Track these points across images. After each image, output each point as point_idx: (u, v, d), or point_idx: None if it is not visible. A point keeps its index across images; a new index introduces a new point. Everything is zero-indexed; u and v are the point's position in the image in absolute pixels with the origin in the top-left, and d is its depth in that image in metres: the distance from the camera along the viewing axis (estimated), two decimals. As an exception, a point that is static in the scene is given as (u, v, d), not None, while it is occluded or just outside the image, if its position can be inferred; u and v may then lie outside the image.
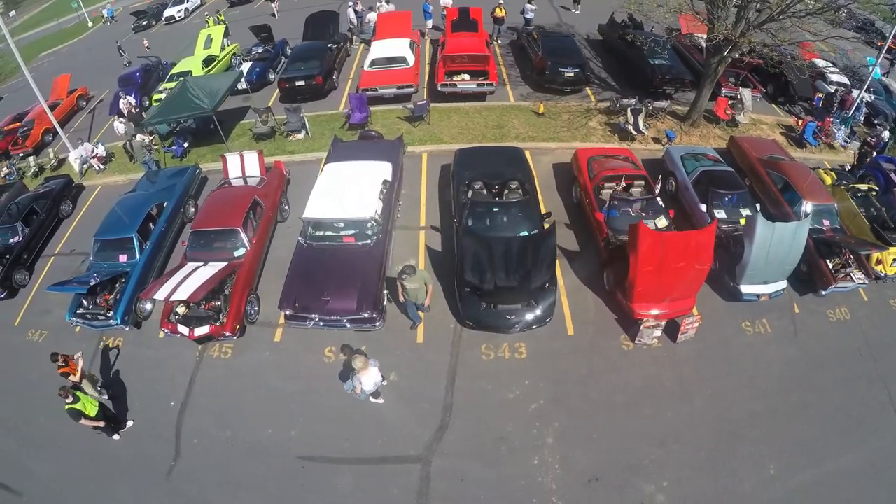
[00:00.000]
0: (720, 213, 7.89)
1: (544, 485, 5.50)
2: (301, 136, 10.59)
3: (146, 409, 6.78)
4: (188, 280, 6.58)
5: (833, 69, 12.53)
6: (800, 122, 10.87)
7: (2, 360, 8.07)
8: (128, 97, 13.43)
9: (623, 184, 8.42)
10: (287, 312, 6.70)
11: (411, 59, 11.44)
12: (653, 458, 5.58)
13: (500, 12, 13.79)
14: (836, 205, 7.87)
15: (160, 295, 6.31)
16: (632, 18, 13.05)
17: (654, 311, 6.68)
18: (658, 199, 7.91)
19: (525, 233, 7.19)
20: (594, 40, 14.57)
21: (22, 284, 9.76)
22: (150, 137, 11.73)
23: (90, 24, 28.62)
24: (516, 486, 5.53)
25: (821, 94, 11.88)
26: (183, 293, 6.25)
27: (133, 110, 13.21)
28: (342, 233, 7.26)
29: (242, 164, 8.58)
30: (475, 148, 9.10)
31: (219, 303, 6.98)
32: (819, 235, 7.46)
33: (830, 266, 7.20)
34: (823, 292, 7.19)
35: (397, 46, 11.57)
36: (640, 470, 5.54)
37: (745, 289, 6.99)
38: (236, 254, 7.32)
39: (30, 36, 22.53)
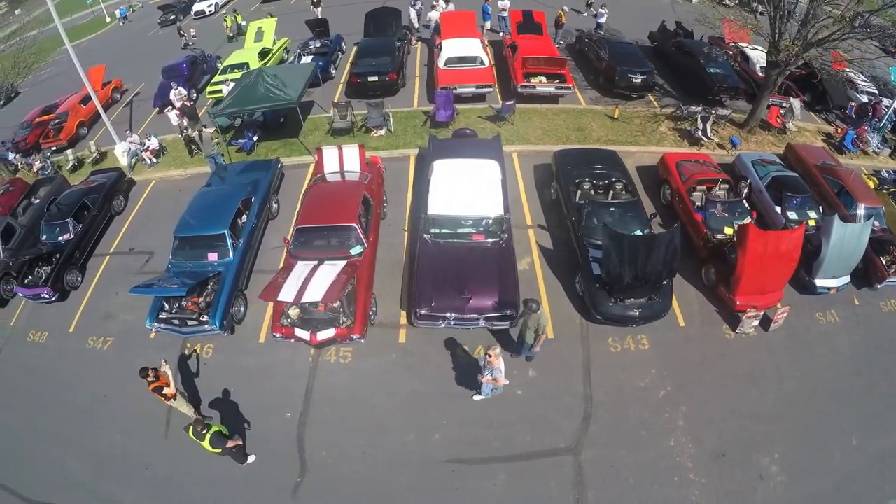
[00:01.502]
0: (792, 215, 8.43)
1: (681, 464, 5.90)
2: (382, 132, 10.40)
3: (259, 422, 6.31)
4: (313, 280, 6.19)
5: (863, 79, 13.24)
6: (839, 130, 11.54)
7: (60, 372, 7.44)
8: (179, 88, 12.88)
9: (709, 186, 8.70)
10: (422, 312, 6.50)
11: (486, 59, 11.47)
12: (764, 434, 6.18)
13: (563, 18, 14.08)
14: (883, 207, 8.55)
15: (287, 297, 5.87)
16: (680, 26, 13.54)
17: (755, 304, 7.21)
18: (744, 201, 8.46)
19: (638, 231, 7.40)
20: (644, 46, 14.81)
21: (74, 286, 9.09)
22: (213, 130, 11.25)
23: (108, 19, 27.67)
24: (658, 467, 5.87)
25: (853, 103, 12.57)
26: (315, 294, 5.88)
27: (187, 102, 12.69)
28: (471, 230, 7.20)
29: (341, 159, 8.29)
30: (573, 150, 9.22)
31: (335, 304, 6.55)
32: (872, 235, 7.96)
33: (884, 262, 7.87)
34: (878, 286, 7.84)
35: (471, 46, 11.57)
36: (755, 445, 6.11)
37: (820, 283, 7.60)
38: (353, 252, 7.00)
39: (44, 32, 21.80)
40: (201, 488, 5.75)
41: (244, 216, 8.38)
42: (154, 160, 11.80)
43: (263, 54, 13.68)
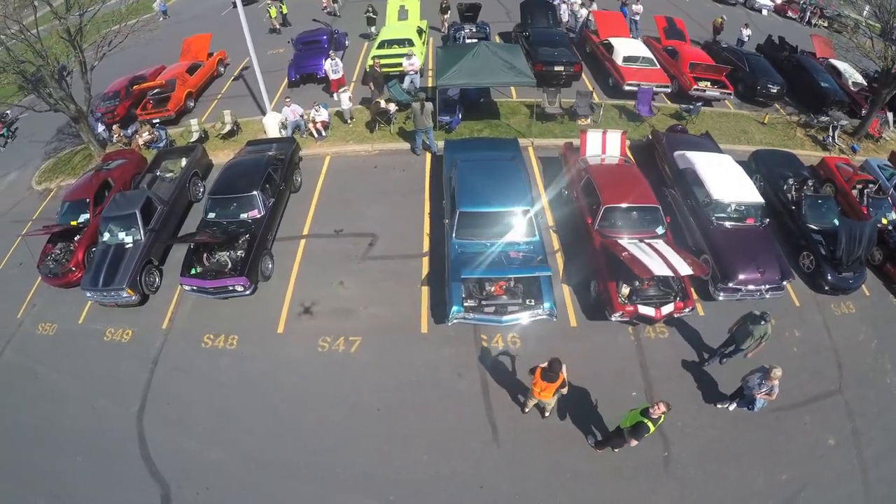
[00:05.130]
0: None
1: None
2: (588, 121, 11.05)
3: (606, 406, 6.40)
4: (666, 256, 6.77)
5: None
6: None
7: (290, 377, 7.07)
8: (336, 59, 12.37)
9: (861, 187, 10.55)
10: (730, 285, 7.58)
11: (656, 61, 12.55)
12: None
13: (721, 23, 15.43)
14: None
15: (662, 271, 6.42)
16: (783, 41, 15.49)
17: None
18: (889, 198, 10.32)
19: (836, 220, 8.89)
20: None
21: (267, 275, 8.35)
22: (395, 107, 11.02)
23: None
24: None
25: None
26: (682, 267, 6.56)
27: (378, 69, 11.64)
28: (746, 215, 8.34)
29: (604, 143, 8.97)
30: (765, 150, 10.66)
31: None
32: None
33: None
34: None
35: (641, 47, 12.63)
36: None
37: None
38: (658, 231, 7.83)
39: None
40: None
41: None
42: (323, 133, 11.29)
43: (420, 32, 13.57)
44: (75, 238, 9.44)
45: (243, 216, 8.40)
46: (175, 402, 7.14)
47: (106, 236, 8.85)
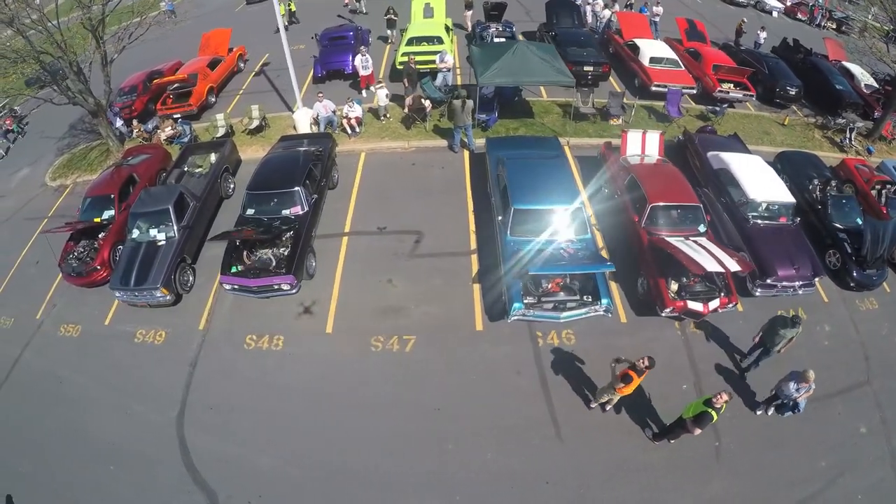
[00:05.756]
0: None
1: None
2: (619, 121, 11.27)
3: (656, 398, 6.53)
4: (716, 253, 6.98)
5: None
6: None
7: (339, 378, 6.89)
8: (367, 55, 12.27)
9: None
10: (768, 281, 7.86)
11: (680, 62, 12.77)
12: None
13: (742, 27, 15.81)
14: None
15: (714, 267, 6.62)
16: (798, 44, 15.85)
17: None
18: (904, 199, 10.86)
19: (859, 220, 9.25)
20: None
21: (310, 273, 8.12)
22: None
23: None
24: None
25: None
26: (732, 264, 6.79)
27: (413, 65, 11.49)
28: (780, 213, 8.65)
29: (643, 142, 9.21)
30: (791, 152, 10.98)
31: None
32: None
33: None
34: None
35: (666, 48, 12.83)
36: None
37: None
38: (700, 229, 8.06)
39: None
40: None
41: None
42: (357, 129, 11.25)
43: (447, 30, 13.60)
44: (99, 235, 9.16)
45: (285, 212, 8.21)
46: (218, 407, 6.83)
47: (135, 233, 8.58)
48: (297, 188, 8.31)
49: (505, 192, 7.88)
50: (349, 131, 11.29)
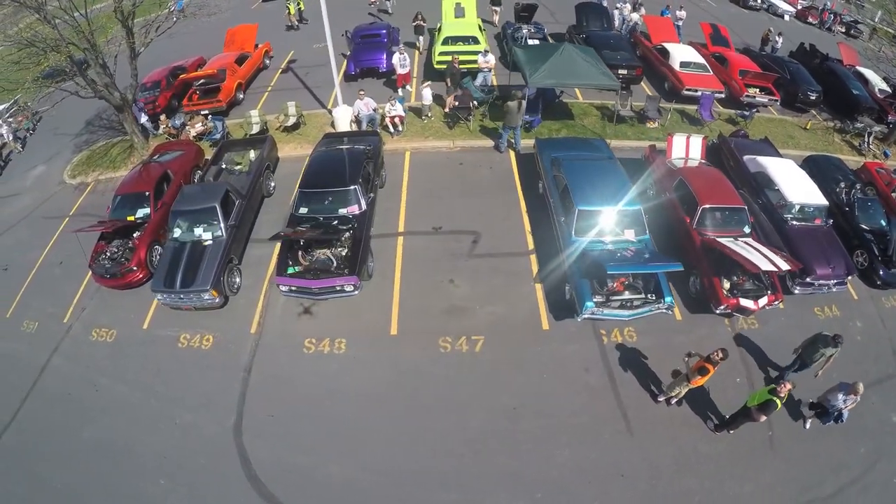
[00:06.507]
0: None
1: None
2: (656, 124, 11.59)
3: (714, 391, 6.73)
4: (767, 253, 7.37)
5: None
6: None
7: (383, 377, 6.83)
8: (405, 54, 12.29)
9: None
10: (807, 279, 8.30)
11: (709, 67, 13.11)
12: None
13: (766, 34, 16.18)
14: None
15: (768, 266, 7.06)
16: (814, 48, 16.39)
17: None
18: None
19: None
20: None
21: (369, 273, 8.02)
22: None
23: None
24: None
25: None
26: (781, 264, 7.22)
27: (456, 66, 11.34)
28: (814, 215, 9.08)
29: (687, 146, 9.57)
30: (818, 155, 11.45)
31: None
32: None
33: None
34: None
35: (696, 53, 13.16)
36: None
37: None
38: (745, 230, 8.42)
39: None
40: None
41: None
42: (399, 128, 11.29)
43: (479, 29, 13.74)
44: (134, 235, 8.84)
45: (342, 211, 8.06)
46: (280, 414, 6.59)
47: (177, 232, 8.31)
48: (354, 187, 8.18)
49: (565, 192, 8.14)
50: (391, 130, 11.30)
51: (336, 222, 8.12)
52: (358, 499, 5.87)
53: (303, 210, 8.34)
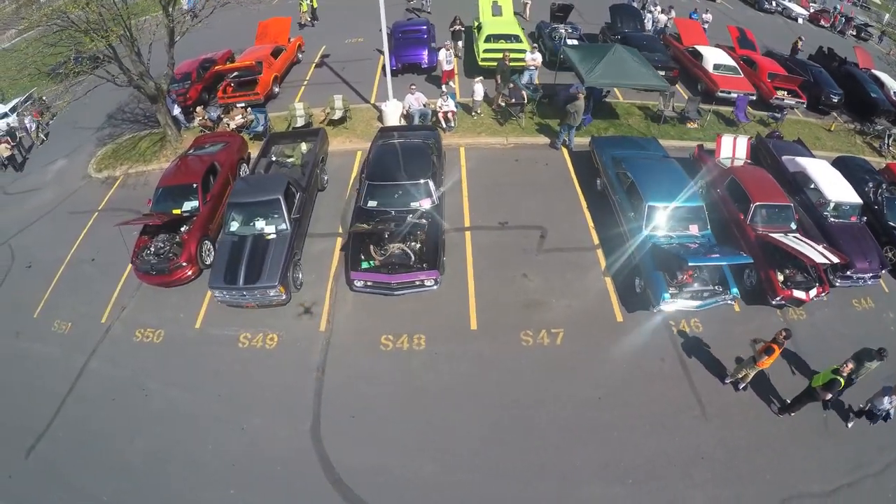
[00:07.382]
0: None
1: None
2: (696, 124, 11.99)
3: (773, 376, 7.02)
4: (818, 246, 7.90)
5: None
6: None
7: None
8: (451, 50, 12.33)
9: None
10: (848, 273, 8.82)
11: (739, 70, 13.58)
12: None
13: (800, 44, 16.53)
14: None
15: (822, 259, 7.56)
16: (832, 51, 17.02)
17: None
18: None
19: None
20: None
21: (443, 268, 7.81)
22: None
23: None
24: None
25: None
26: (832, 257, 7.75)
27: (507, 62, 11.35)
28: (850, 213, 9.60)
29: (734, 147, 10.02)
30: (847, 157, 11.96)
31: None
32: None
33: None
34: None
35: (727, 56, 13.59)
36: None
37: None
38: (792, 226, 8.94)
39: None
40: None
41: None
42: (452, 123, 11.38)
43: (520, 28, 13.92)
44: (181, 228, 8.58)
45: (414, 205, 7.95)
46: (361, 415, 6.38)
47: (235, 226, 8.13)
48: (426, 180, 8.10)
49: (632, 189, 8.55)
50: (444, 125, 11.37)
51: (409, 215, 7.95)
52: (451, 496, 5.75)
53: (371, 203, 8.24)
